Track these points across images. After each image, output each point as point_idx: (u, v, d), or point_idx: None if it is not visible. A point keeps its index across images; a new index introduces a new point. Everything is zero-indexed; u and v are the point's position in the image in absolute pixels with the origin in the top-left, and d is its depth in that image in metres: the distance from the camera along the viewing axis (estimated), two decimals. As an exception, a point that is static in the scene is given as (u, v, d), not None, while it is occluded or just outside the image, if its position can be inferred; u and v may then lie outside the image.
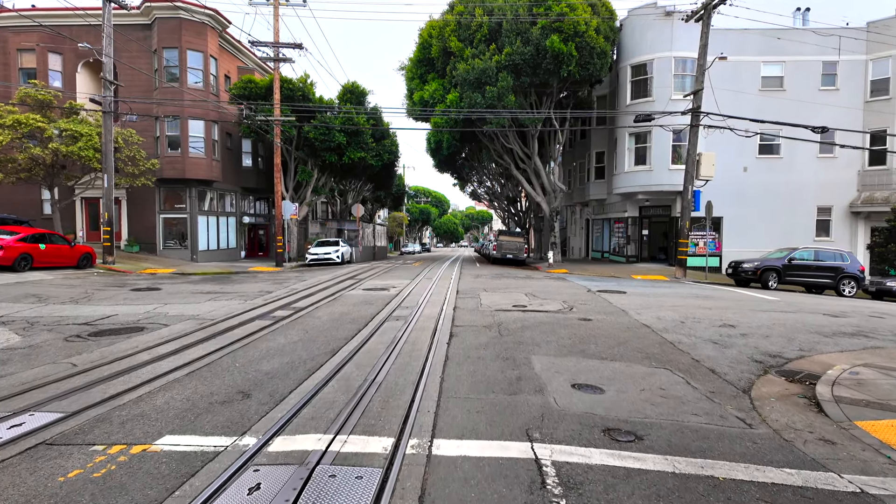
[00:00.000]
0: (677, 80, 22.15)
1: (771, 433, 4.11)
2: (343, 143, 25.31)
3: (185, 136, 22.78)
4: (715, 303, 11.54)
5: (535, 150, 25.32)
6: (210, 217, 25.36)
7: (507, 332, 7.53)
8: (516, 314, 9.21)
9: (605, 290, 13.68)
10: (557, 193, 25.73)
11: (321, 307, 10.02)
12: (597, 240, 30.47)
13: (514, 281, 16.30)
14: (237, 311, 9.40)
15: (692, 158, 18.85)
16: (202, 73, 22.97)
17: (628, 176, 23.54)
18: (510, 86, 20.28)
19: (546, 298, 11.52)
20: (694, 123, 18.63)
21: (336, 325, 8.01)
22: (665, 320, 8.91)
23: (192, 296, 11.62)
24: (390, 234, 70.90)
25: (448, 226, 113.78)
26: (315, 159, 26.28)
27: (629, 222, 24.96)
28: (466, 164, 41.40)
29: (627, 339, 7.27)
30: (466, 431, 3.79)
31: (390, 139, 30.04)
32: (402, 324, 8.14)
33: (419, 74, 24.27)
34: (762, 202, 22.91)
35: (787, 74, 22.64)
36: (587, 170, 29.84)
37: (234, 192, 27.84)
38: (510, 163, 26.75)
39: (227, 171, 26.54)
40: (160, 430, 3.76)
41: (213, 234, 25.58)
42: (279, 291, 12.72)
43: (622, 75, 23.86)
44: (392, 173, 35.91)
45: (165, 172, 22.89)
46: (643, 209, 24.65)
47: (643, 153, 23.00)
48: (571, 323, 8.41)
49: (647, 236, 25.01)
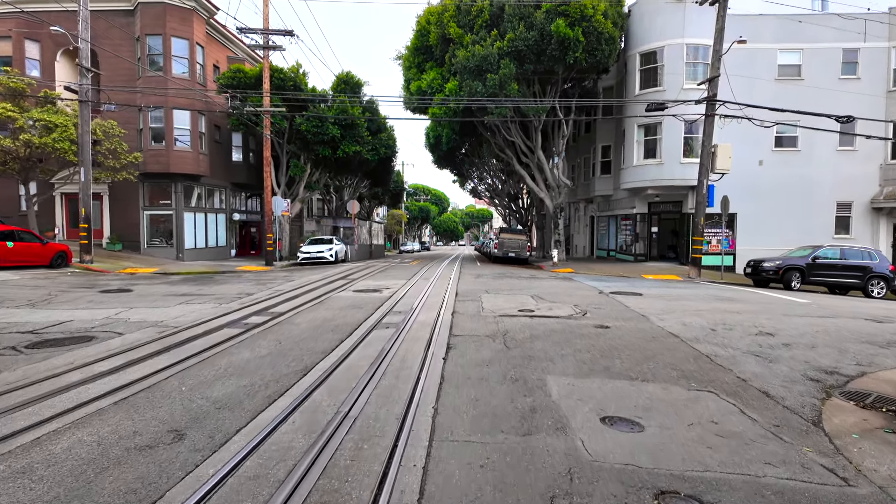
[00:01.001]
0: (689, 69, 21.01)
1: (878, 493, 3.03)
2: (337, 136, 24.18)
3: (170, 127, 21.66)
4: (742, 306, 10.45)
5: (538, 144, 24.21)
6: (197, 214, 24.25)
7: (514, 344, 6.45)
8: (523, 320, 8.14)
9: (618, 291, 12.59)
10: (562, 189, 24.63)
11: (303, 312, 8.95)
12: (602, 238, 29.37)
13: (517, 281, 15.21)
14: (207, 316, 8.32)
15: (707, 150, 17.75)
16: (188, 61, 21.83)
17: (637, 170, 22.42)
18: (513, 73, 19.16)
19: (555, 301, 10.44)
20: (709, 113, 17.52)
21: (315, 335, 6.94)
22: (693, 327, 7.83)
23: (163, 298, 10.54)
24: (389, 233, 69.83)
25: (448, 224, 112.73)
26: (308, 153, 25.16)
27: (637, 219, 23.85)
28: (466, 160, 40.28)
29: (656, 352, 6.19)
30: (467, 503, 2.70)
31: (387, 133, 28.90)
32: (392, 332, 7.06)
33: (416, 63, 23.14)
34: (778, 198, 21.80)
35: (805, 62, 21.50)
36: (592, 165, 28.72)
37: (223, 188, 26.73)
38: (512, 157, 25.64)
39: (216, 165, 25.43)
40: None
41: (200, 231, 24.49)
42: (261, 293, 11.64)
43: (630, 64, 22.73)
44: (389, 169, 34.77)
45: (149, 166, 21.78)
46: (652, 205, 23.53)
47: (653, 146, 21.87)
48: (588, 331, 7.34)
49: (657, 234, 23.90)
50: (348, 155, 25.06)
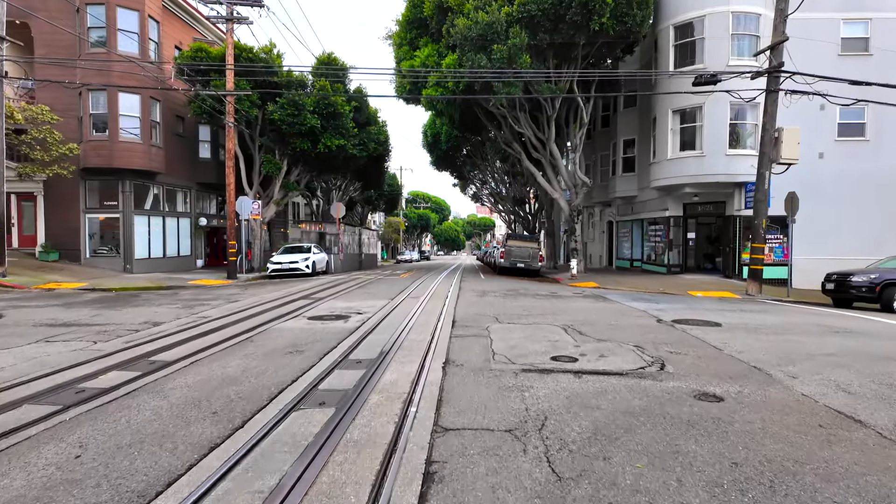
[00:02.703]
0: (736, 43, 17.49)
1: None
2: (317, 127, 20.65)
3: (115, 114, 18.16)
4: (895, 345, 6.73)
5: (551, 136, 20.67)
6: (153, 218, 20.69)
7: (567, 461, 2.78)
8: (567, 383, 4.49)
9: (683, 319, 8.91)
10: (580, 188, 21.02)
11: (203, 361, 5.34)
12: (623, 245, 25.68)
13: (536, 301, 11.54)
14: (36, 371, 4.74)
15: (769, 135, 14.16)
16: (138, 36, 18.40)
17: (671, 165, 18.80)
18: (524, 44, 15.66)
19: (602, 338, 6.77)
20: (772, 88, 13.96)
21: (175, 428, 3.29)
22: (865, 398, 4.15)
23: (25, 331, 6.99)
24: (386, 241, 66.22)
25: (449, 233, 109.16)
26: (283, 147, 21.60)
27: (671, 223, 20.10)
28: (468, 162, 36.80)
29: (870, 484, 2.50)
30: None
31: (377, 127, 25.39)
32: (324, 420, 3.42)
33: (409, 40, 19.69)
34: (842, 197, 18.14)
35: (874, 35, 17.97)
36: (612, 162, 25.15)
37: (188, 189, 23.21)
38: (520, 152, 22.09)
39: (178, 162, 21.94)
40: None
41: (157, 238, 20.90)
42: (175, 322, 8.03)
43: (662, 40, 19.23)
44: (382, 169, 31.17)
45: (89, 160, 18.26)
46: (688, 207, 19.84)
47: (692, 135, 18.25)
48: (692, 414, 3.67)
49: (693, 241, 20.20)
50: (331, 150, 21.51)
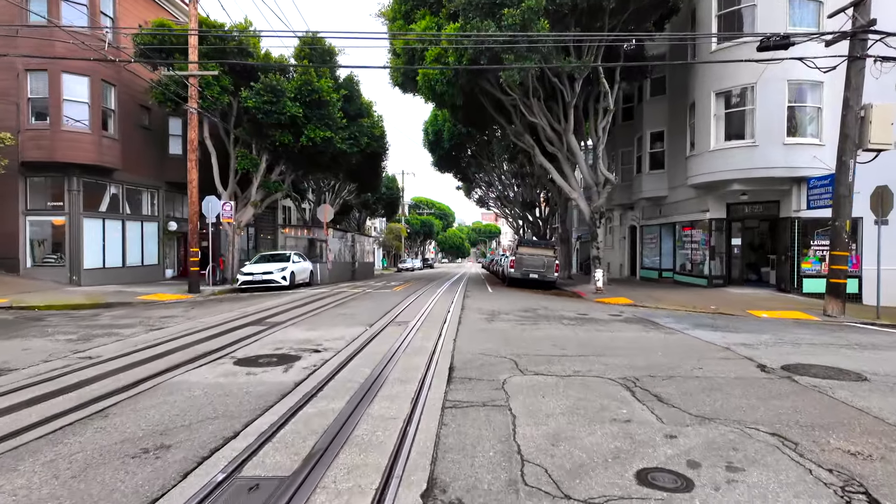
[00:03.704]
0: (795, 9, 14.62)
1: None
2: (299, 116, 17.87)
3: (57, 98, 15.49)
4: None
5: (569, 127, 17.81)
6: (110, 221, 17.95)
7: None
8: None
9: (797, 365, 5.92)
10: (603, 187, 18.10)
11: None
12: (650, 253, 22.66)
13: (566, 330, 8.57)
14: None
15: (853, 114, 11.22)
16: (87, 7, 15.78)
17: (714, 157, 15.84)
18: (541, 7, 12.84)
19: (704, 414, 3.75)
20: (857, 54, 11.04)
21: None
22: None
23: None
24: (387, 248, 63.40)
25: (453, 240, 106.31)
26: (261, 140, 18.82)
27: (712, 227, 17.08)
28: (473, 162, 33.97)
29: None
30: None
31: (371, 120, 22.61)
32: None
33: (404, 13, 16.93)
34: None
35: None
36: (636, 159, 22.23)
37: (155, 189, 20.49)
38: (533, 146, 19.22)
39: (142, 157, 19.25)
40: None
41: (114, 245, 18.15)
42: (25, 371, 5.15)
43: (702, 11, 16.39)
44: (378, 169, 28.34)
45: (28, 152, 15.58)
46: (733, 207, 16.83)
47: (739, 122, 15.31)
48: None
49: (739, 247, 17.16)
50: (316, 144, 18.71)
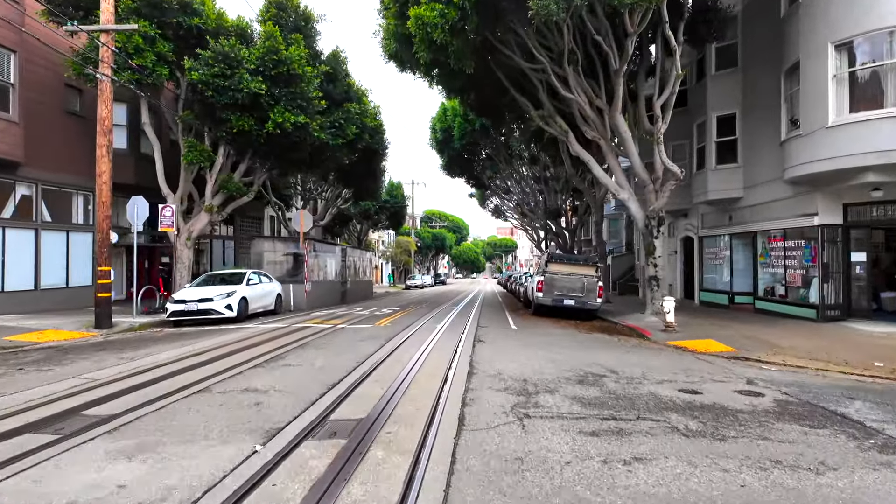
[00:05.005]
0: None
1: None
2: (261, 93, 13.66)
3: (-75, 64, 11.65)
4: None
5: (617, 104, 13.33)
6: (17, 231, 13.94)
7: None
8: None
9: None
10: (663, 184, 13.44)
11: None
12: (715, 272, 17.75)
13: (707, 468, 3.86)
14: None
15: None
16: (-27, -52, 12.01)
17: (833, 136, 11.07)
18: None
19: None
20: None
21: None
22: None
23: None
24: (396, 263, 59.10)
25: (468, 254, 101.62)
26: (216, 127, 14.64)
27: (822, 236, 12.21)
28: (488, 165, 29.61)
29: None
30: None
31: (362, 106, 18.32)
32: None
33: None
34: None
35: None
36: (694, 153, 17.55)
37: (89, 192, 16.48)
38: (567, 131, 14.74)
39: (68, 150, 15.33)
40: None
41: (23, 261, 14.10)
42: None
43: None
44: (375, 170, 23.99)
45: None
46: (851, 209, 11.97)
47: (875, 84, 10.59)
48: None
49: (862, 265, 12.23)
50: (287, 132, 14.47)
